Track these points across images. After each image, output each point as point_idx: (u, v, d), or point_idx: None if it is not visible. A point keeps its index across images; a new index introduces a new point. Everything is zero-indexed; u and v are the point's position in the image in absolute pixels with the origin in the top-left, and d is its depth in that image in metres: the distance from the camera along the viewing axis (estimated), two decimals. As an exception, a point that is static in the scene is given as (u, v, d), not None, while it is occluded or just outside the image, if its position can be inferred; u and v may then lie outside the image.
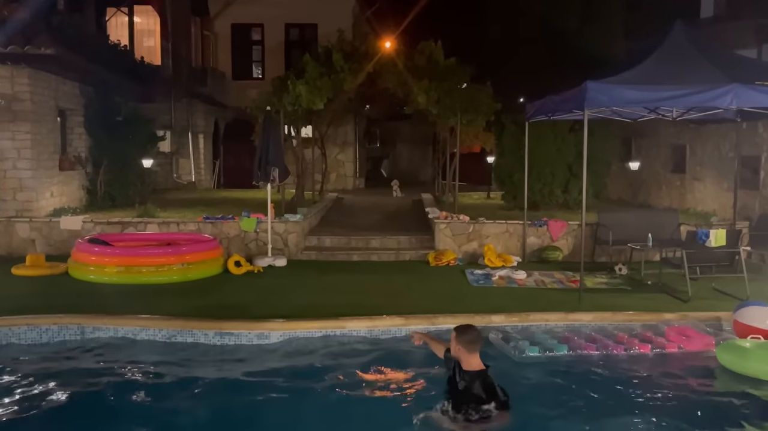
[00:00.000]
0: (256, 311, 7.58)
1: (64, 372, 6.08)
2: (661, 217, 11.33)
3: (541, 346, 6.53)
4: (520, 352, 6.42)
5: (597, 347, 6.61)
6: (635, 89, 7.96)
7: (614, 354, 6.52)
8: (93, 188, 13.98)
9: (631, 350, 6.63)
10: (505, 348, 6.61)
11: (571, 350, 6.52)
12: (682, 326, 7.21)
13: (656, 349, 6.69)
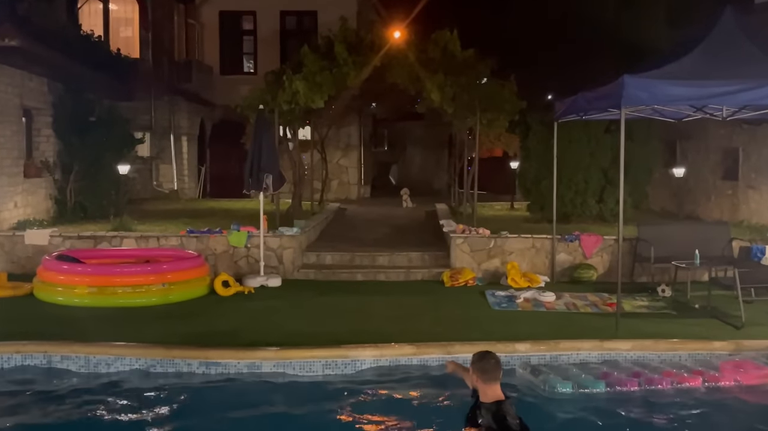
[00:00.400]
0: (246, 338, 7.59)
1: (27, 407, 6.10)
2: (710, 231, 11.29)
3: (574, 382, 6.49)
4: (551, 388, 6.40)
5: (639, 382, 6.54)
6: (680, 85, 7.97)
7: (660, 389, 6.45)
8: (62, 198, 14.08)
9: (679, 384, 6.56)
10: (534, 382, 6.59)
11: (609, 386, 6.46)
12: (739, 360, 7.13)
13: (708, 383, 6.61)
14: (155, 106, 20.55)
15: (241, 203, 18.37)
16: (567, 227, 12.93)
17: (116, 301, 9.37)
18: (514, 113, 14.78)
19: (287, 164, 16.10)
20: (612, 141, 13.70)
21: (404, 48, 14.52)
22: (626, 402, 6.30)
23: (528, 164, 15.43)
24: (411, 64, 14.28)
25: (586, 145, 14.14)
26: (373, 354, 7.04)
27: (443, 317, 8.79)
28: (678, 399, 6.38)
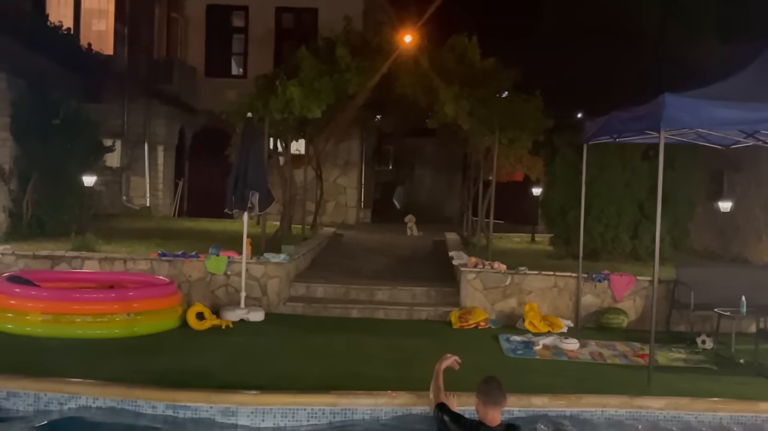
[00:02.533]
0: (221, 380, 7.57)
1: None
2: (760, 275, 11.35)
3: None
4: None
5: None
6: (728, 107, 8.01)
7: None
8: (17, 210, 14.14)
9: None
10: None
11: None
12: None
13: None
14: (129, 109, 20.68)
15: (222, 223, 18.43)
16: (595, 265, 12.94)
17: (74, 331, 9.38)
18: (539, 132, 14.84)
19: (277, 180, 16.17)
20: (650, 169, 13.74)
21: (416, 54, 14.63)
22: None
23: (553, 191, 15.47)
24: (423, 73, 14.38)
25: (620, 172, 14.19)
26: (367, 403, 7.01)
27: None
28: None
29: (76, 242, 12.67)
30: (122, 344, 9.14)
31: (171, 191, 22.64)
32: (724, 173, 16.71)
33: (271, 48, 23.55)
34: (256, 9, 23.56)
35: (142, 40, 21.23)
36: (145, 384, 7.24)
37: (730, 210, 15.66)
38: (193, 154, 23.90)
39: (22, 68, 13.85)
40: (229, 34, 24.30)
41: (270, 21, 23.67)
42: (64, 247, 12.44)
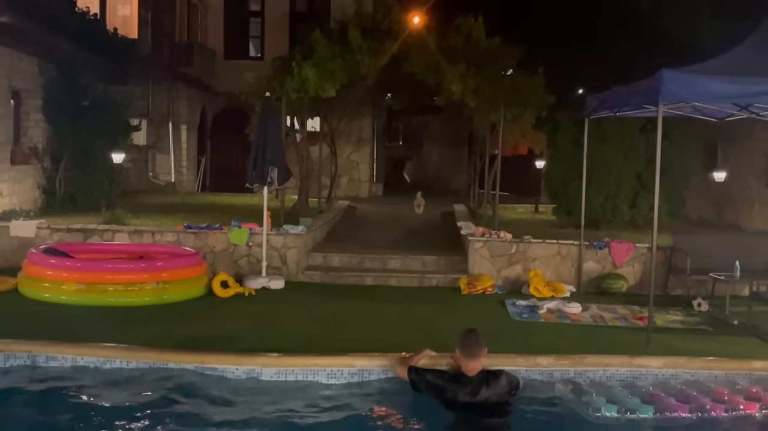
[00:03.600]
0: (245, 343, 7.63)
1: (9, 409, 6.16)
2: (752, 241, 11.29)
3: (620, 405, 6.46)
4: (595, 410, 6.38)
5: (691, 408, 6.47)
6: (723, 81, 7.95)
7: (713, 417, 6.37)
8: (51, 187, 14.22)
9: (734, 411, 6.45)
10: (576, 403, 6.58)
11: (658, 412, 6.43)
12: None
13: (766, 409, 6.51)
14: (153, 91, 20.70)
15: (243, 198, 18.47)
16: (596, 233, 12.93)
17: (107, 299, 9.45)
18: (542, 108, 14.79)
19: (294, 157, 16.16)
20: (647, 142, 13.70)
21: (424, 35, 14.57)
22: (676, 427, 6.23)
23: (555, 164, 15.43)
24: (431, 53, 14.33)
25: (619, 145, 14.13)
26: (382, 364, 7.04)
27: (459, 326, 8.69)
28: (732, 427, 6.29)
29: (107, 217, 12.73)
30: (152, 311, 9.20)
31: (194, 167, 22.68)
32: (718, 145, 16.64)
33: (286, 31, 23.48)
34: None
35: (164, 24, 21.17)
36: (174, 348, 7.31)
37: (723, 180, 15.62)
38: (214, 132, 23.91)
39: (53, 53, 13.84)
40: (246, 18, 24.22)
41: (285, 5, 23.60)
42: (95, 221, 12.50)
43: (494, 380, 6.20)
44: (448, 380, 6.27)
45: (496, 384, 6.19)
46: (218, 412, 6.25)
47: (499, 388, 6.19)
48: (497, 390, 6.18)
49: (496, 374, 6.26)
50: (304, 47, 14.97)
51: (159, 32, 20.91)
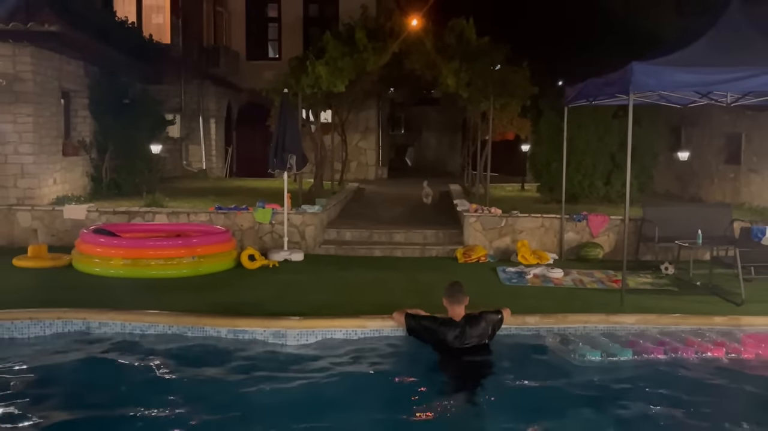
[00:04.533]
0: (271, 308, 7.68)
1: (69, 368, 6.23)
2: (713, 212, 11.25)
3: (603, 350, 6.53)
4: (580, 356, 6.45)
5: (665, 350, 6.54)
6: (686, 72, 7.91)
7: (684, 358, 6.45)
8: (98, 175, 14.24)
9: (703, 354, 6.53)
10: (564, 351, 6.64)
11: (636, 355, 6.48)
12: (761, 333, 7.07)
13: (731, 354, 6.57)
14: (185, 89, 20.66)
15: (266, 182, 18.46)
16: (575, 207, 12.91)
17: (149, 272, 9.50)
18: (526, 98, 14.72)
19: (309, 145, 16.13)
20: (619, 126, 13.65)
21: (421, 35, 14.47)
22: (652, 369, 6.28)
23: (539, 147, 15.39)
24: (428, 51, 14.24)
25: (594, 130, 14.09)
26: (391, 325, 7.09)
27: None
28: (701, 368, 6.33)
29: (147, 200, 12.75)
30: (189, 282, 9.25)
31: (222, 156, 22.67)
32: (682, 128, 16.57)
33: (301, 34, 23.37)
34: (287, 1, 23.40)
35: (193, 30, 21.08)
36: (210, 314, 7.36)
37: (687, 159, 15.57)
38: (239, 124, 23.86)
39: (96, 57, 13.79)
40: (265, 23, 24.10)
41: (299, 10, 23.46)
42: (137, 204, 12.53)
43: (475, 321, 6.62)
44: (439, 323, 6.62)
45: (477, 325, 6.60)
46: (249, 369, 6.31)
47: (480, 328, 6.60)
48: (479, 329, 6.59)
49: (476, 317, 6.68)
50: (317, 48, 14.89)
51: (189, 37, 20.84)
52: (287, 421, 5.20)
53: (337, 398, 5.67)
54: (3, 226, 11.75)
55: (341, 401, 5.62)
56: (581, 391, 5.83)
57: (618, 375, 6.14)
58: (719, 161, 15.23)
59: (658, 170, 15.77)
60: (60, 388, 5.79)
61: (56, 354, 6.62)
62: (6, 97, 11.76)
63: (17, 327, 7.12)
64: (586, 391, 5.82)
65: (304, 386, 5.87)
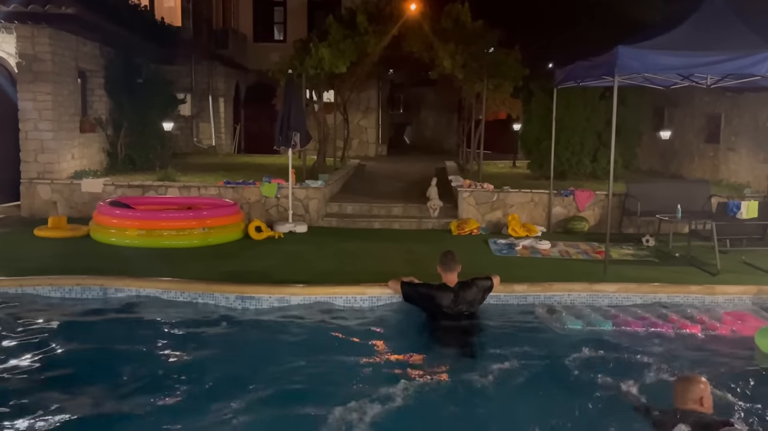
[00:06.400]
0: (276, 277, 7.72)
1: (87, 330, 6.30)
2: (692, 188, 11.27)
3: (585, 321, 6.57)
4: (563, 324, 6.51)
5: (643, 324, 6.54)
6: (668, 55, 7.88)
7: (662, 332, 6.44)
8: (113, 151, 14.21)
9: (680, 330, 6.52)
10: (549, 320, 6.71)
11: (615, 326, 6.51)
12: (740, 311, 7.08)
13: (707, 331, 6.55)
14: (195, 70, 20.54)
15: (272, 158, 18.45)
16: (563, 183, 12.92)
17: (162, 242, 9.54)
18: (518, 79, 14.64)
19: (313, 123, 16.09)
20: (606, 106, 13.60)
21: (419, 19, 14.36)
22: (630, 340, 6.27)
23: (529, 126, 15.34)
24: (425, 34, 14.16)
25: (582, 110, 14.04)
26: (389, 292, 7.15)
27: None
28: (677, 342, 6.31)
29: (160, 175, 12.76)
30: (199, 251, 9.29)
31: (231, 133, 22.60)
32: (665, 109, 16.52)
33: (305, 17, 23.20)
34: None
35: (203, 13, 20.90)
36: (219, 281, 7.41)
37: (669, 138, 15.54)
38: (247, 103, 23.77)
39: (111, 39, 13.69)
40: (271, 7, 23.92)
41: (304, -5, 23.27)
42: (151, 178, 12.54)
43: (468, 287, 6.72)
44: (435, 289, 6.70)
45: (470, 290, 6.70)
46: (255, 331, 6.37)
47: (472, 293, 6.71)
48: (472, 294, 6.69)
49: (468, 283, 6.76)
50: (320, 31, 14.79)
51: (199, 20, 20.66)
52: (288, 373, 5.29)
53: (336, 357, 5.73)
54: (25, 198, 11.79)
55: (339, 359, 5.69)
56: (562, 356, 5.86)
57: (597, 343, 6.16)
58: (700, 140, 15.20)
59: (641, 148, 15.74)
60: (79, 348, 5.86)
61: (75, 316, 6.68)
62: (26, 77, 11.72)
63: (39, 292, 7.18)
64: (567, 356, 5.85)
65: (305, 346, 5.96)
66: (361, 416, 4.58)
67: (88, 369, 5.40)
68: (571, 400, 4.91)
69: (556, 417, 4.65)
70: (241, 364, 5.57)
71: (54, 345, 5.88)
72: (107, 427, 4.52)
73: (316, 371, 5.43)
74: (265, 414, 4.64)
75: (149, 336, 6.15)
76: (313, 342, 6.12)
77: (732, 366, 5.76)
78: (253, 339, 6.21)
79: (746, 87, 10.53)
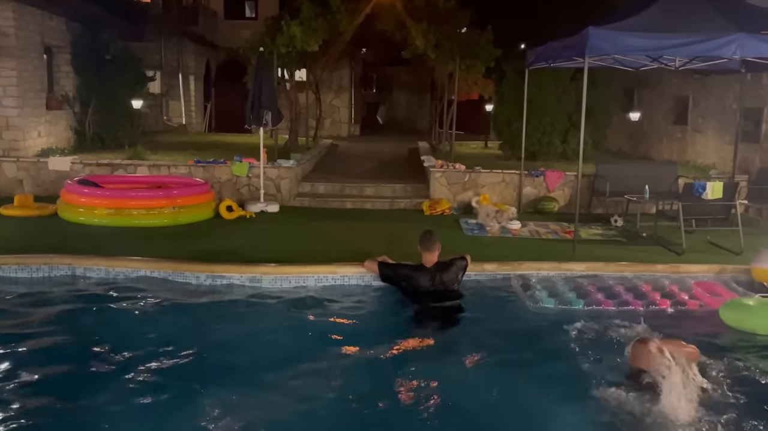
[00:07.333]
0: (248, 256, 7.68)
1: (54, 310, 6.21)
2: (660, 169, 11.44)
3: (558, 298, 6.63)
4: (535, 302, 6.57)
5: (615, 303, 6.59)
6: (637, 36, 7.95)
7: (632, 310, 6.50)
8: (81, 129, 13.99)
9: (650, 305, 6.60)
10: (523, 295, 6.74)
11: (587, 305, 6.56)
12: (711, 282, 7.21)
13: (678, 305, 6.65)
14: (165, 47, 20.24)
15: (243, 137, 18.31)
16: (534, 164, 13.03)
17: (131, 221, 9.44)
18: (490, 60, 14.69)
19: (285, 102, 15.99)
20: (576, 88, 13.70)
21: (392, -2, 14.31)
22: (600, 320, 6.21)
23: (501, 107, 15.41)
24: (398, 13, 14.12)
25: (553, 91, 14.13)
26: (360, 271, 7.16)
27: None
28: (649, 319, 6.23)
29: (129, 153, 12.60)
30: (169, 231, 9.21)
31: (201, 111, 22.35)
32: (634, 90, 16.68)
33: (277, -6, 22.93)
34: (263, -38, 22.88)
35: (172, -11, 20.57)
36: (190, 260, 7.36)
37: (638, 119, 15.72)
38: (218, 81, 23.51)
39: (78, 14, 13.44)
40: (242, -17, 23.61)
41: (275, -28, 22.95)
42: (120, 157, 12.37)
43: (446, 267, 6.71)
44: (413, 269, 6.70)
45: (448, 270, 6.70)
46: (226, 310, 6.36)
47: (451, 273, 6.70)
48: (450, 275, 6.68)
49: (447, 263, 6.77)
50: (292, 8, 14.64)
51: (168, -4, 20.34)
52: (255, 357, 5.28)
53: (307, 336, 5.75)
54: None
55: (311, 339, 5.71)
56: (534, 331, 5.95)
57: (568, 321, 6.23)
58: (668, 121, 15.40)
59: (611, 129, 15.91)
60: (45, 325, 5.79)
61: (43, 296, 6.59)
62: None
63: (5, 271, 7.08)
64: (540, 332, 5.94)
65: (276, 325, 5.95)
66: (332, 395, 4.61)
67: (54, 349, 5.34)
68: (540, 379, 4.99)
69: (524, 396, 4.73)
70: (212, 344, 5.55)
71: (20, 324, 5.81)
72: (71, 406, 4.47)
73: (287, 350, 5.43)
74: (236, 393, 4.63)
75: (118, 316, 6.10)
76: (284, 322, 6.12)
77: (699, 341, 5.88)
78: (223, 318, 6.18)
79: (713, 69, 10.70)
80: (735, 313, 6.20)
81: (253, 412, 4.39)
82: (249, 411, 4.39)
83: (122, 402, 4.48)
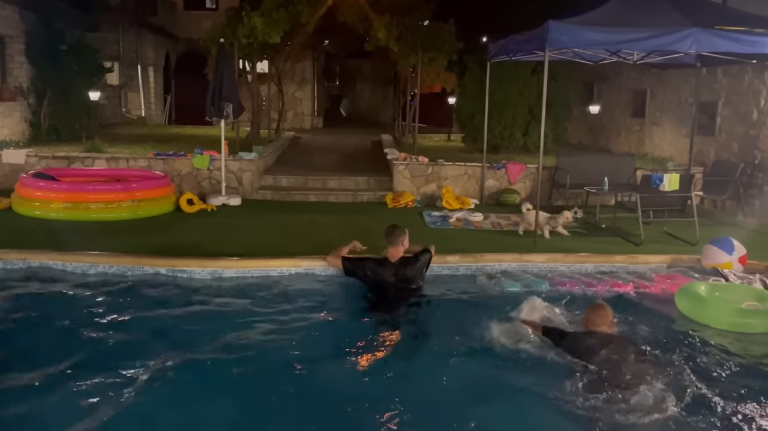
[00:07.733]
0: (209, 250, 7.61)
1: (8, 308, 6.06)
2: (619, 161, 11.63)
3: (522, 283, 6.78)
4: (501, 288, 6.68)
5: (578, 284, 6.77)
6: (597, 31, 8.04)
7: (595, 291, 6.66)
8: (36, 121, 13.66)
9: (613, 288, 6.78)
10: (488, 285, 6.85)
11: (551, 286, 6.73)
12: (673, 273, 7.36)
13: (639, 289, 6.83)
14: (123, 37, 19.86)
15: (203, 129, 18.09)
16: (496, 156, 13.12)
17: (89, 215, 9.27)
18: (452, 53, 14.75)
19: (246, 94, 15.82)
20: (537, 81, 13.84)
21: (355, -11, 14.25)
22: (564, 297, 6.42)
23: (463, 100, 15.49)
24: (360, 5, 14.06)
25: (514, 84, 14.25)
26: (322, 265, 7.14)
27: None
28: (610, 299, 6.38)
29: (87, 146, 12.34)
30: (129, 224, 9.07)
31: (161, 103, 22.01)
32: (594, 84, 16.91)
33: (238, -15, 22.62)
34: (223, -48, 22.54)
35: (130, -21, 20.16)
36: (149, 254, 7.25)
37: (598, 112, 15.94)
38: (178, 73, 23.15)
39: (32, 3, 13.10)
40: (202, -27, 23.25)
41: (236, -38, 22.63)
42: (77, 149, 12.11)
43: (411, 262, 6.59)
44: (377, 263, 6.58)
45: (413, 266, 6.57)
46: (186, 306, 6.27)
47: (415, 269, 6.57)
48: (414, 270, 6.57)
49: (411, 258, 6.64)
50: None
51: (126, -15, 19.93)
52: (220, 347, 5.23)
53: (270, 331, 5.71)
54: (-60, 170, 11.22)
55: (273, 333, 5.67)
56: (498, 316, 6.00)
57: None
58: (626, 114, 15.66)
59: (571, 122, 16.12)
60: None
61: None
62: (-62, 41, 11.10)
63: (-43, 268, 6.88)
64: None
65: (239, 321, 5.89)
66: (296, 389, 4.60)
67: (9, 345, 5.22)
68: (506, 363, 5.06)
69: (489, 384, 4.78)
70: (173, 338, 5.47)
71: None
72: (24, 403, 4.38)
73: (249, 344, 5.39)
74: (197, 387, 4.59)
75: (75, 312, 5.97)
76: (246, 316, 6.06)
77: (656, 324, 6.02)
78: (184, 312, 6.10)
79: (670, 63, 10.89)
80: (690, 304, 6.33)
81: (213, 407, 4.36)
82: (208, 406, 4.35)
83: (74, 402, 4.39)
